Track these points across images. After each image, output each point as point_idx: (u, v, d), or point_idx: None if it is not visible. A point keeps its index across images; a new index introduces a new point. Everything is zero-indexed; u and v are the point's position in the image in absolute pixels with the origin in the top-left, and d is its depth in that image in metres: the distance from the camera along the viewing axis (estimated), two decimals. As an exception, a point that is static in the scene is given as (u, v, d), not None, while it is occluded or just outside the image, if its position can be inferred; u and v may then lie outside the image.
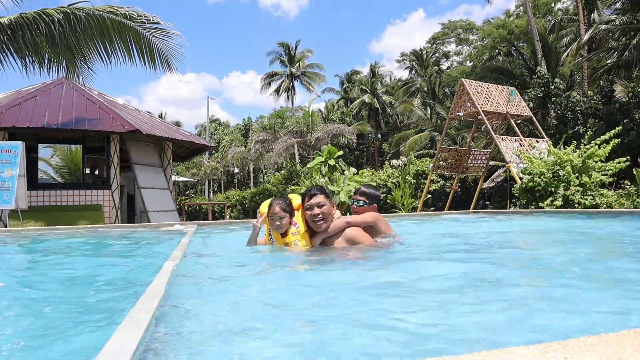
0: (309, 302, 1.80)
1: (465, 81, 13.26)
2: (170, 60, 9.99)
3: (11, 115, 10.64)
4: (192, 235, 4.66)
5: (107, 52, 9.50)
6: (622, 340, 0.83)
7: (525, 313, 1.52)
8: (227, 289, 2.16)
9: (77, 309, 1.93)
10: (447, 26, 40.89)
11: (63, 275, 2.95)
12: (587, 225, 5.44)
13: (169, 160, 13.79)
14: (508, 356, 0.78)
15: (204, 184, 38.77)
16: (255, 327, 1.44)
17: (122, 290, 2.36)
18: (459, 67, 37.16)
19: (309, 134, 26.15)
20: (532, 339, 1.25)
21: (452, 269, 2.48)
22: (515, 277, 2.30)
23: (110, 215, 11.53)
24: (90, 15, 8.88)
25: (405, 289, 2.03)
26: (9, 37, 8.67)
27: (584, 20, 22.14)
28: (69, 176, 12.07)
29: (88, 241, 5.18)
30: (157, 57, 9.82)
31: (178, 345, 1.25)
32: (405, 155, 23.89)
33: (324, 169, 13.15)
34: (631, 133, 15.39)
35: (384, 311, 1.59)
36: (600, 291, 1.88)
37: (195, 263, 3.09)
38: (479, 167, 15.21)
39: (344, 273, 2.51)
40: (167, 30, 9.76)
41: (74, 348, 1.38)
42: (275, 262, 3.05)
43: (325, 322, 1.45)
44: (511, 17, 34.25)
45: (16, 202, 8.62)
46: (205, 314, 1.64)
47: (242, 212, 24.85)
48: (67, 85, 12.60)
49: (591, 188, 8.79)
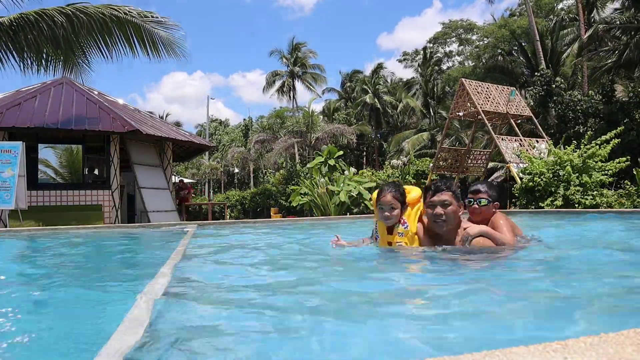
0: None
1: (465, 81, 13.26)
2: (174, 46, 9.97)
3: (11, 115, 10.63)
4: (192, 235, 4.66)
5: (108, 46, 9.50)
6: (622, 340, 0.83)
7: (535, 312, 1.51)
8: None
9: (76, 309, 1.93)
10: (447, 26, 40.88)
11: (63, 275, 2.95)
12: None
13: (169, 160, 13.79)
14: (508, 356, 0.78)
15: (204, 184, 38.78)
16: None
17: (122, 290, 2.35)
18: (460, 67, 37.16)
19: (309, 134, 26.15)
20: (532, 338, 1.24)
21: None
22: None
23: (110, 215, 11.53)
24: (89, 13, 8.90)
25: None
26: (10, 37, 8.68)
27: (584, 20, 22.14)
28: (69, 176, 12.07)
29: (88, 241, 5.18)
30: (160, 45, 9.81)
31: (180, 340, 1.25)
32: (405, 155, 23.90)
33: (324, 169, 13.14)
34: (631, 133, 15.39)
35: (389, 313, 1.59)
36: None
37: (196, 263, 3.08)
38: (479, 167, 15.21)
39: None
40: (166, 22, 9.78)
41: (74, 348, 1.38)
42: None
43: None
44: (514, 16, 34.24)
45: (16, 202, 8.62)
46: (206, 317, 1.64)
47: (242, 212, 24.85)
48: (67, 85, 12.60)
49: (591, 188, 8.79)
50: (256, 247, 4.04)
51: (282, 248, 4.00)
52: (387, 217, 2.83)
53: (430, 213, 2.75)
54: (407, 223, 2.85)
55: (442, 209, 2.71)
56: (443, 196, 2.72)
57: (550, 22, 26.77)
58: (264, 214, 22.99)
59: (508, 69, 25.09)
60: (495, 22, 32.98)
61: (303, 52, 41.68)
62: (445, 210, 2.70)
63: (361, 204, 12.62)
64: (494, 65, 26.81)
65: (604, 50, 19.16)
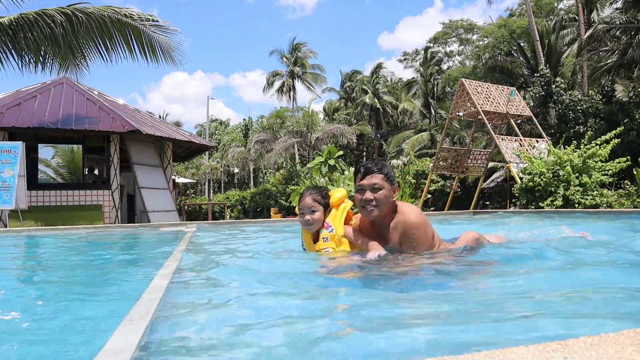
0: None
1: (465, 81, 13.26)
2: (173, 53, 10.01)
3: (11, 115, 10.64)
4: (192, 236, 4.66)
5: (107, 48, 9.53)
6: (622, 340, 0.83)
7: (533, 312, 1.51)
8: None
9: (75, 309, 1.93)
10: (447, 26, 40.88)
11: (63, 275, 2.95)
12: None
13: (169, 160, 13.79)
14: (508, 356, 0.78)
15: (204, 184, 38.79)
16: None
17: (122, 290, 2.36)
18: (460, 67, 37.18)
19: (309, 134, 26.16)
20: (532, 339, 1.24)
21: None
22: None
23: (110, 215, 11.53)
24: (89, 14, 8.91)
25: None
26: (10, 37, 8.69)
27: (584, 20, 22.15)
28: (69, 176, 12.07)
29: (87, 241, 5.18)
30: (158, 50, 9.86)
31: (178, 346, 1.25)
32: (405, 155, 23.91)
33: (324, 169, 13.14)
34: (631, 133, 15.39)
35: (386, 317, 1.59)
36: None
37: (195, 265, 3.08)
38: (479, 167, 15.21)
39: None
40: (166, 27, 9.81)
41: (73, 348, 1.38)
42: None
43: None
44: (513, 16, 34.26)
45: (16, 202, 8.63)
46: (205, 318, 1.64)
47: (242, 212, 24.86)
48: (67, 85, 12.61)
49: (591, 188, 8.79)
50: (256, 246, 4.04)
51: (282, 248, 4.00)
52: (308, 222, 2.59)
53: (359, 198, 2.48)
54: (331, 226, 2.59)
55: (372, 193, 2.43)
56: (373, 179, 2.44)
57: (550, 22, 26.78)
58: (264, 214, 23.00)
59: (508, 69, 25.09)
60: (494, 22, 33.01)
61: (303, 52, 41.70)
62: (376, 195, 2.42)
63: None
64: (494, 65, 26.82)
65: (604, 50, 19.16)
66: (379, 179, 2.44)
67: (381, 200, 2.43)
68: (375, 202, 2.43)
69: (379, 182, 2.44)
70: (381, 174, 2.46)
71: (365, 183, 2.47)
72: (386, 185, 2.45)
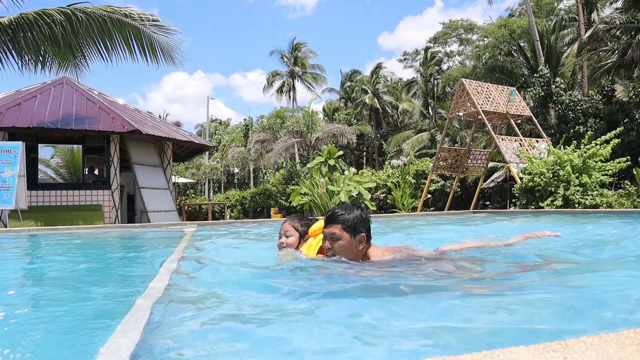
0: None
1: (465, 81, 13.26)
2: (173, 54, 10.00)
3: (11, 115, 10.64)
4: (192, 236, 4.66)
5: (107, 49, 9.53)
6: (622, 340, 0.83)
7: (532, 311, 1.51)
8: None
9: (75, 309, 1.92)
10: (447, 26, 40.89)
11: (62, 275, 2.95)
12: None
13: (169, 160, 13.79)
14: (508, 356, 0.78)
15: (204, 184, 38.78)
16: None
17: (122, 290, 2.35)
18: (460, 67, 37.18)
19: (309, 134, 26.16)
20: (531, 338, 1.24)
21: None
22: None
23: (110, 215, 11.53)
24: (89, 14, 8.91)
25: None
26: (10, 37, 8.69)
27: (584, 20, 22.15)
28: (69, 176, 12.07)
29: (87, 241, 5.18)
30: (159, 51, 9.84)
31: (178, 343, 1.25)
32: (405, 155, 23.90)
33: (324, 169, 13.14)
34: (631, 133, 15.40)
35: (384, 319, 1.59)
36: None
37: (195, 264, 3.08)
38: (479, 167, 15.21)
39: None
40: (167, 27, 9.80)
41: (71, 349, 1.38)
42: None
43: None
44: (514, 16, 34.27)
45: (16, 202, 8.62)
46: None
47: (242, 212, 24.86)
48: (67, 85, 12.61)
49: (591, 188, 8.80)
50: (256, 246, 4.04)
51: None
52: (280, 244, 2.69)
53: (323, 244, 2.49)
54: (302, 252, 2.60)
55: (330, 242, 2.41)
56: (332, 228, 2.41)
57: (550, 22, 26.78)
58: (264, 214, 23.01)
59: (508, 69, 25.10)
60: (494, 22, 33.01)
61: (303, 52, 41.71)
62: (334, 245, 2.40)
63: (361, 204, 12.62)
64: (494, 65, 26.83)
65: (604, 50, 19.16)
66: (337, 228, 2.40)
67: (338, 251, 2.40)
68: (332, 251, 2.42)
69: (337, 232, 2.40)
70: (339, 224, 2.40)
71: (325, 231, 2.45)
72: (345, 235, 2.39)
